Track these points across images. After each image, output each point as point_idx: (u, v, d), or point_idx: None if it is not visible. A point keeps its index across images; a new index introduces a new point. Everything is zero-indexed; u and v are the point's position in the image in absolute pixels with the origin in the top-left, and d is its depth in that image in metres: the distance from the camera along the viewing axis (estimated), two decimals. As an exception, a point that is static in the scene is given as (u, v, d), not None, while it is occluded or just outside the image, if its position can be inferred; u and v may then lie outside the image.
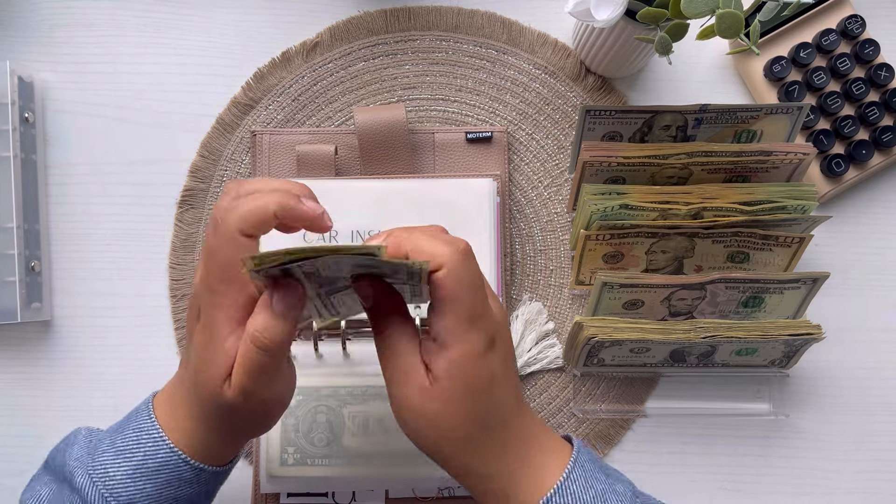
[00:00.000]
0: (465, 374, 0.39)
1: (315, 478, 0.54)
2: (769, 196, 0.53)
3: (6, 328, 0.59)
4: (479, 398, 0.40)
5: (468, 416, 0.40)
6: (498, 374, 0.40)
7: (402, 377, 0.40)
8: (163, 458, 0.41)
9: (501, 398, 0.41)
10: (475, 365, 0.39)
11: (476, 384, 0.39)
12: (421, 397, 0.39)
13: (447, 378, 0.39)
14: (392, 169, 0.58)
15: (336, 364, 0.56)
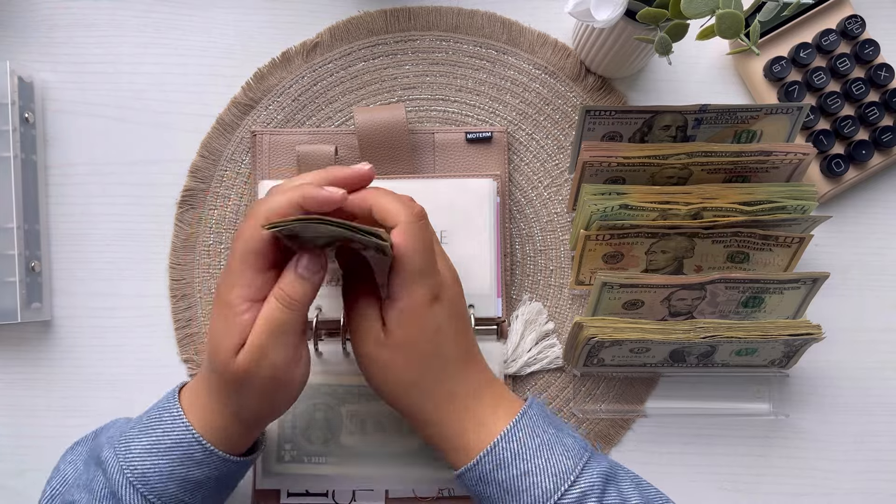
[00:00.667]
0: (410, 322, 0.45)
1: (312, 475, 0.54)
2: (769, 196, 0.53)
3: (6, 328, 0.59)
4: (424, 346, 0.45)
5: (415, 362, 0.45)
6: (443, 327, 0.46)
7: (363, 333, 0.46)
8: (178, 435, 0.44)
9: (446, 348, 0.46)
10: (419, 315, 0.45)
11: (420, 333, 0.45)
12: (376, 347, 0.46)
13: (396, 327, 0.45)
14: (392, 169, 0.58)
15: (336, 363, 0.56)
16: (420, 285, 0.45)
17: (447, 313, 0.46)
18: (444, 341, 0.46)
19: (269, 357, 0.43)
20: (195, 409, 0.46)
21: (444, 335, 0.46)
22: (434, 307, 0.45)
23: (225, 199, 0.60)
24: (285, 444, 0.54)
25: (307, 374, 0.46)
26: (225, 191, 0.60)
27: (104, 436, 0.47)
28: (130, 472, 0.44)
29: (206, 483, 0.45)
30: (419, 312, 0.45)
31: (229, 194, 0.60)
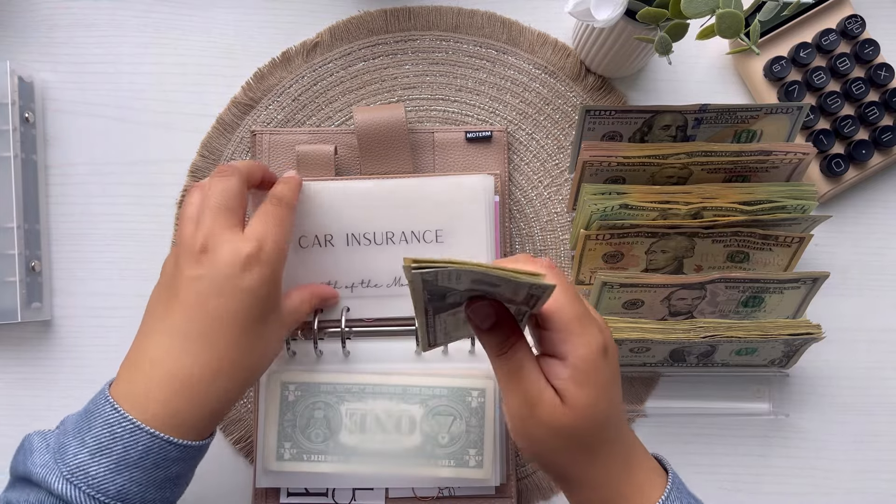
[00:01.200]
0: (588, 379, 0.40)
1: (312, 474, 0.54)
2: (769, 196, 0.53)
3: (6, 328, 0.59)
4: (602, 405, 0.40)
5: (593, 423, 0.40)
6: (615, 378, 0.42)
7: (534, 399, 0.40)
8: (145, 444, 0.42)
9: (617, 403, 0.42)
10: (596, 368, 0.40)
11: (600, 391, 0.40)
12: (554, 414, 0.40)
13: (574, 387, 0.40)
14: (392, 169, 0.58)
15: (336, 361, 0.56)
16: (587, 336, 0.40)
17: (615, 362, 0.42)
18: (615, 395, 0.42)
19: (269, 243, 0.45)
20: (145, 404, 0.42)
21: (616, 388, 0.42)
22: (607, 357, 0.41)
23: (225, 198, 0.60)
24: (285, 442, 0.54)
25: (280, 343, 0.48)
26: (225, 191, 0.60)
27: (34, 465, 0.42)
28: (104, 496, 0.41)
29: (184, 472, 0.45)
30: (596, 366, 0.40)
31: (229, 194, 0.60)
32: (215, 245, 0.44)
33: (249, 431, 0.58)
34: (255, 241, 0.45)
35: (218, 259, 0.44)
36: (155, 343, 0.44)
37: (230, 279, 0.44)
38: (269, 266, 0.45)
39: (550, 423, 0.40)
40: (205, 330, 0.43)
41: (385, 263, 0.56)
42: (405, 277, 0.36)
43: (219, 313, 0.44)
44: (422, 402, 0.55)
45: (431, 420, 0.54)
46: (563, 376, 0.40)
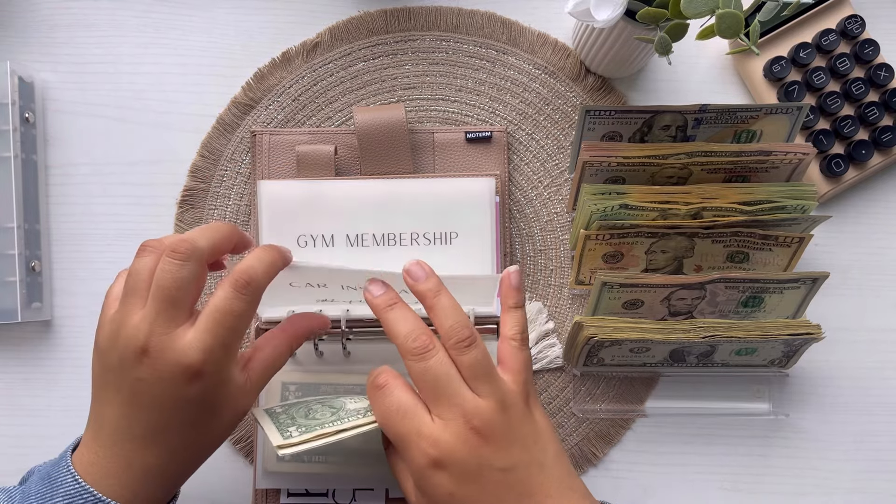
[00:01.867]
0: (422, 490, 0.42)
1: (312, 475, 0.54)
2: (769, 196, 0.53)
3: (6, 328, 0.59)
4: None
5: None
6: (458, 493, 0.41)
7: (403, 489, 0.45)
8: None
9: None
10: (425, 483, 0.42)
11: (433, 501, 0.42)
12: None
13: (416, 493, 0.43)
14: (392, 169, 0.58)
15: (336, 362, 0.56)
16: (411, 453, 0.42)
17: (457, 477, 0.41)
18: (477, 499, 0.42)
19: (224, 352, 0.41)
20: (105, 473, 0.41)
21: (463, 500, 0.42)
22: (436, 473, 0.42)
23: (225, 199, 0.60)
24: None
25: (241, 415, 0.44)
26: (225, 191, 0.60)
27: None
28: None
29: None
30: (424, 479, 0.42)
31: (229, 194, 0.60)
32: (157, 350, 0.40)
33: (249, 431, 0.58)
34: (199, 352, 0.41)
35: (159, 368, 0.40)
36: (110, 422, 0.42)
37: (173, 390, 0.41)
38: (215, 375, 0.41)
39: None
40: (155, 431, 0.42)
41: (387, 264, 0.56)
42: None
43: (164, 419, 0.41)
44: None
45: None
46: (408, 485, 0.44)
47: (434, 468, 0.41)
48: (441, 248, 0.56)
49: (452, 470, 0.41)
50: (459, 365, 0.43)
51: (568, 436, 0.59)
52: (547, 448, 0.43)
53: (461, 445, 0.41)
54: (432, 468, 0.41)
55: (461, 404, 0.42)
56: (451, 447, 0.41)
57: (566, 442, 0.59)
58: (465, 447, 0.41)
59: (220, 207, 0.60)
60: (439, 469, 0.41)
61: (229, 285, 0.42)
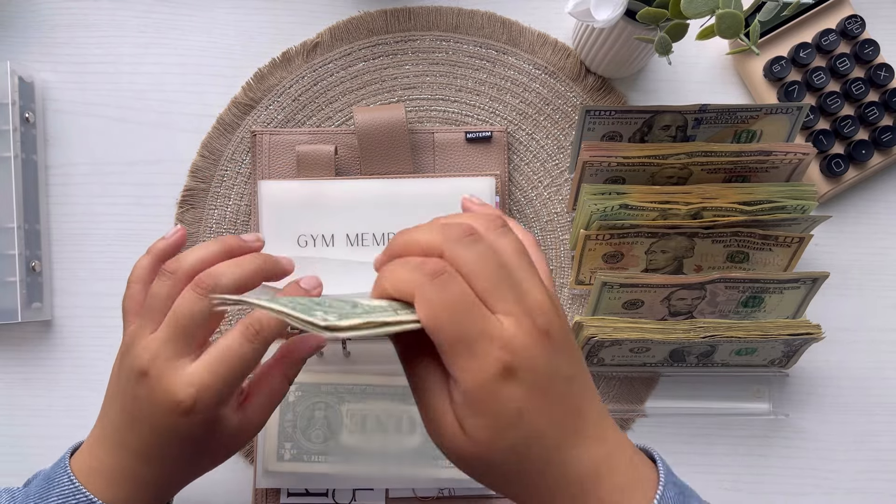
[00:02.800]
0: (485, 408, 0.34)
1: (312, 474, 0.54)
2: (769, 196, 0.53)
3: (6, 328, 0.59)
4: (510, 435, 0.34)
5: (506, 455, 0.34)
6: (527, 407, 0.34)
7: (436, 421, 0.35)
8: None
9: (537, 434, 0.34)
10: (493, 396, 0.33)
11: (502, 420, 0.34)
12: (454, 442, 0.35)
13: (469, 416, 0.34)
14: (392, 169, 0.58)
15: (336, 362, 0.56)
16: (479, 358, 0.33)
17: (528, 388, 0.34)
18: (531, 426, 0.34)
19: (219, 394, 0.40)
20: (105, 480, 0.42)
21: (530, 417, 0.34)
22: (506, 385, 0.33)
23: (225, 198, 0.60)
24: (285, 442, 0.54)
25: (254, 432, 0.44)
26: (225, 191, 0.60)
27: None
28: None
29: None
30: (493, 394, 0.33)
31: (230, 194, 0.60)
32: (156, 375, 0.40)
33: (249, 431, 0.58)
34: (193, 388, 0.39)
35: (154, 392, 0.40)
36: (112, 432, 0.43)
37: (164, 418, 0.40)
38: (207, 415, 0.40)
39: (452, 450, 0.35)
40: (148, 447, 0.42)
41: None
42: None
43: (157, 441, 0.41)
44: None
45: None
46: (458, 401, 0.34)
47: (505, 378, 0.33)
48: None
49: (526, 378, 0.34)
50: (502, 252, 0.36)
51: (568, 436, 0.59)
52: (584, 363, 0.38)
53: (537, 349, 0.34)
54: (503, 378, 0.33)
55: (524, 298, 0.34)
56: (528, 351, 0.34)
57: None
58: (540, 350, 0.34)
59: (220, 207, 0.60)
60: (511, 378, 0.33)
61: (239, 330, 0.41)
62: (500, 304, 0.34)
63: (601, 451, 0.36)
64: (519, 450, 0.34)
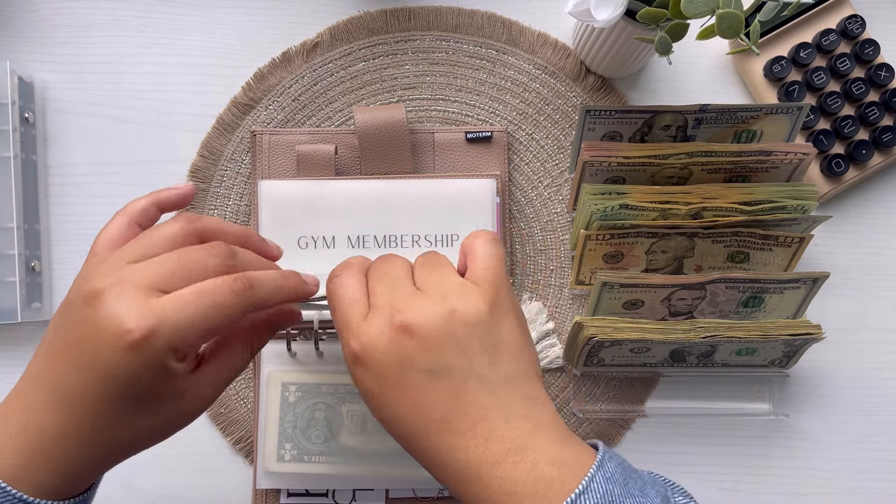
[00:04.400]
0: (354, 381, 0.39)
1: (312, 475, 0.54)
2: (769, 196, 0.53)
3: (6, 328, 0.59)
4: (374, 412, 0.39)
5: (381, 422, 0.39)
6: (377, 392, 0.37)
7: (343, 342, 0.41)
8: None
9: (395, 418, 0.37)
10: (353, 376, 0.39)
11: (364, 396, 0.39)
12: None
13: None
14: (392, 169, 0.58)
15: (336, 362, 0.56)
16: (342, 343, 0.39)
17: (375, 375, 0.37)
18: (388, 409, 0.38)
19: (178, 335, 0.34)
20: (7, 456, 0.35)
21: (383, 401, 0.37)
22: (358, 369, 0.38)
23: (225, 199, 0.60)
24: (285, 443, 0.54)
25: (203, 407, 0.39)
26: (225, 191, 0.60)
27: None
28: None
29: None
30: (352, 372, 0.39)
31: (229, 194, 0.60)
32: (111, 298, 0.34)
33: (249, 431, 0.58)
34: (149, 320, 0.34)
35: (98, 320, 0.34)
36: (28, 372, 0.37)
37: (101, 350, 0.34)
38: (151, 358, 0.34)
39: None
40: (64, 391, 0.35)
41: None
42: None
43: (79, 382, 0.35)
44: None
45: None
46: None
47: (354, 363, 0.38)
48: (442, 250, 0.56)
49: (370, 365, 0.37)
50: (415, 265, 0.41)
51: (568, 436, 0.59)
52: (498, 364, 0.37)
53: (381, 339, 0.37)
54: (353, 362, 0.38)
55: (396, 297, 0.38)
56: (371, 340, 0.37)
57: (566, 442, 0.59)
58: (385, 341, 0.37)
59: (220, 207, 0.60)
60: (359, 363, 0.37)
61: (229, 279, 0.37)
62: (371, 300, 0.39)
63: (483, 452, 0.36)
64: (387, 425, 0.38)
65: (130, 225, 0.40)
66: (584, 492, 0.34)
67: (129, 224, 0.40)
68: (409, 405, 0.37)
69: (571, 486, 0.34)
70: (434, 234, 0.56)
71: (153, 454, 0.41)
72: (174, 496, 0.58)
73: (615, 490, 0.35)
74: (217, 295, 0.36)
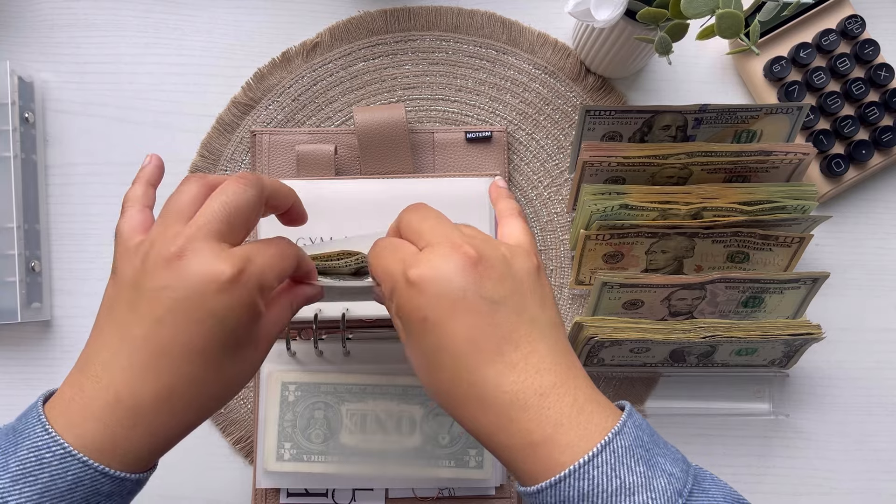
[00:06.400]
0: (398, 314, 0.39)
1: (311, 474, 0.54)
2: (769, 196, 0.53)
3: (6, 328, 0.59)
4: (418, 341, 0.38)
5: (416, 358, 0.39)
6: (433, 317, 0.37)
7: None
8: (75, 474, 0.35)
9: (446, 345, 0.37)
10: (400, 306, 0.39)
11: (408, 326, 0.39)
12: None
13: (395, 318, 0.41)
14: (392, 169, 0.58)
15: (336, 362, 0.56)
16: (387, 286, 0.40)
17: (433, 297, 0.37)
18: (442, 334, 0.37)
19: (264, 271, 0.38)
20: (84, 425, 0.36)
21: (438, 326, 0.37)
22: (411, 291, 0.38)
23: (225, 198, 0.60)
24: (285, 442, 0.54)
25: (261, 359, 0.41)
26: (225, 191, 0.60)
27: None
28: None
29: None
30: (401, 304, 0.38)
31: (229, 194, 0.60)
32: (193, 253, 0.37)
33: (249, 431, 0.58)
34: (240, 260, 0.37)
35: (191, 271, 0.36)
36: (107, 348, 0.38)
37: (200, 300, 0.36)
38: (249, 293, 0.37)
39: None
40: (161, 353, 0.37)
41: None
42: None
43: (180, 339, 0.37)
44: (422, 402, 0.55)
45: (432, 420, 0.54)
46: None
47: (408, 285, 0.37)
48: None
49: (427, 290, 0.37)
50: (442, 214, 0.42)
51: (568, 436, 0.59)
52: (545, 309, 0.39)
53: (446, 265, 0.37)
54: (406, 285, 0.38)
55: (451, 234, 0.39)
56: (433, 266, 0.37)
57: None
58: (451, 266, 0.37)
59: (220, 207, 0.60)
60: (413, 285, 0.37)
61: (279, 237, 0.42)
62: (425, 239, 0.39)
63: (533, 382, 0.37)
64: (430, 356, 0.38)
65: (143, 210, 0.42)
66: (619, 433, 0.36)
67: (142, 209, 0.42)
68: (465, 330, 0.37)
69: (607, 425, 0.36)
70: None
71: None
72: (174, 496, 0.58)
73: (644, 437, 0.37)
74: (278, 246, 0.40)
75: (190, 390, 0.37)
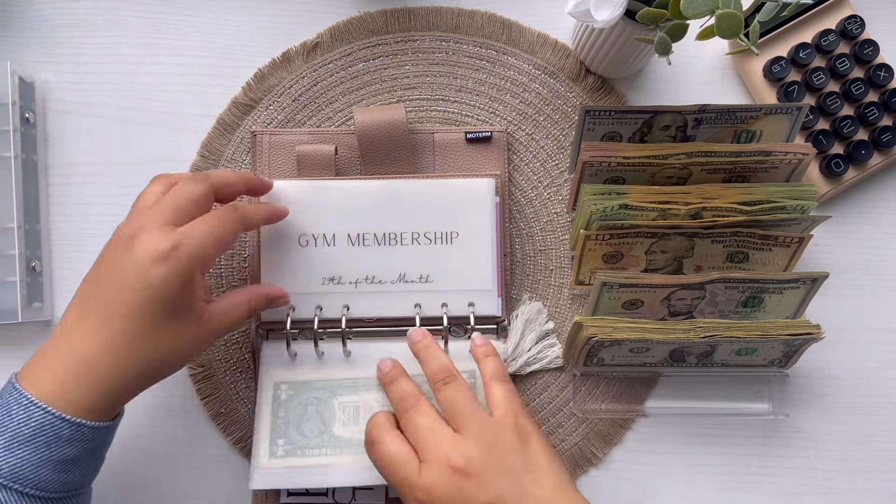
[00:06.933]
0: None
1: (306, 466, 0.54)
2: (769, 196, 0.53)
3: (7, 328, 0.59)
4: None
5: None
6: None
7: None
8: (37, 420, 0.42)
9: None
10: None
11: None
12: None
13: None
14: (392, 169, 0.58)
15: (335, 361, 0.56)
16: (403, 501, 0.48)
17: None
18: None
19: (199, 246, 0.45)
20: (48, 384, 0.43)
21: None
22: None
23: (225, 199, 0.60)
24: (278, 439, 0.54)
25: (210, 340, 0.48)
26: (225, 191, 0.60)
27: None
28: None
29: (80, 458, 0.44)
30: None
31: (230, 194, 0.60)
32: (144, 233, 0.45)
33: (249, 432, 0.58)
34: (178, 234, 0.45)
35: (136, 248, 0.44)
36: (66, 319, 0.45)
37: (139, 270, 0.44)
38: (179, 266, 0.44)
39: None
40: (107, 313, 0.44)
41: (389, 262, 0.56)
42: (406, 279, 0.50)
43: (122, 300, 0.44)
44: None
45: None
46: None
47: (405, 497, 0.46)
48: (442, 247, 0.56)
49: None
50: (440, 402, 0.49)
51: (568, 436, 0.59)
52: (542, 479, 0.46)
53: (446, 487, 0.45)
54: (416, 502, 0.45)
55: (442, 446, 0.46)
56: (439, 491, 0.45)
57: (566, 442, 0.59)
58: (449, 487, 0.45)
59: (220, 207, 0.60)
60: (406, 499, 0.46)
61: (225, 208, 0.49)
62: (421, 454, 0.47)
63: None
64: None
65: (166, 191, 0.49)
66: None
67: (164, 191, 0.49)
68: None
69: None
70: (433, 231, 0.56)
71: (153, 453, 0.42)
72: (174, 496, 0.58)
73: None
74: (216, 219, 0.47)
75: (132, 342, 0.44)
